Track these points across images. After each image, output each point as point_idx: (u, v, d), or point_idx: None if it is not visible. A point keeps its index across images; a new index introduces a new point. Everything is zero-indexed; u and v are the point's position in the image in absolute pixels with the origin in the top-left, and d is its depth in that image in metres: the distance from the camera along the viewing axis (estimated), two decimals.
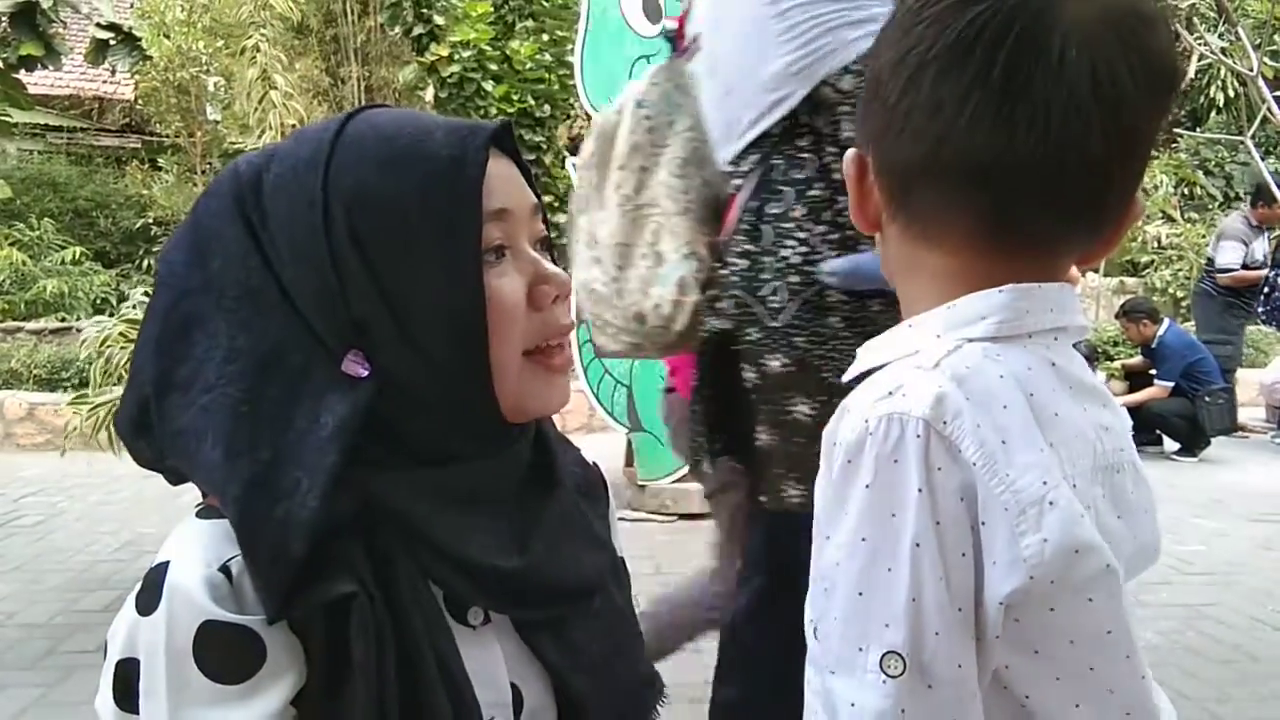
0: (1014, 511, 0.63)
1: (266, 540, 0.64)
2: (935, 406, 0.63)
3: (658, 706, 0.86)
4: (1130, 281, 11.16)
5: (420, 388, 0.73)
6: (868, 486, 0.63)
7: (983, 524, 0.63)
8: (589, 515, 0.85)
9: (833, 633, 0.65)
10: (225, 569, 0.66)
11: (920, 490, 0.62)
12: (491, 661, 0.76)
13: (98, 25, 7.24)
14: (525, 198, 0.78)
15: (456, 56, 9.09)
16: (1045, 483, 0.64)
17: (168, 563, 0.66)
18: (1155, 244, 11.13)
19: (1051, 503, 0.64)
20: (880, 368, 0.71)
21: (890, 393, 0.65)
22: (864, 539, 0.64)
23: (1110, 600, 0.66)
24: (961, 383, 0.65)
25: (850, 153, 0.75)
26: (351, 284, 0.70)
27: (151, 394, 0.71)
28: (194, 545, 0.67)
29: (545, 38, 9.41)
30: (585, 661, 0.80)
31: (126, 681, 0.65)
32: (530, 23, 9.61)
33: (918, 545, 0.62)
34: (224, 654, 0.64)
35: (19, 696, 3.01)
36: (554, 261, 0.80)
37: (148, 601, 0.65)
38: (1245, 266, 6.92)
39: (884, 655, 0.62)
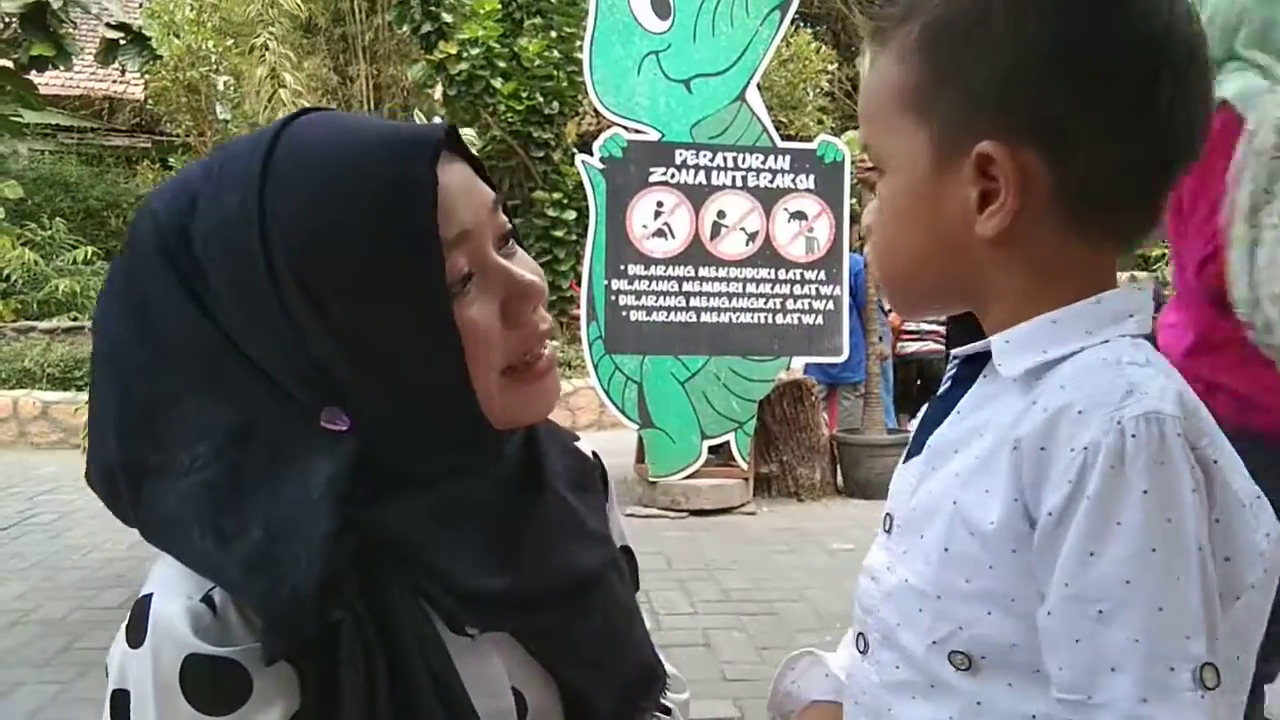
0: (1247, 506, 0.63)
1: (274, 619, 0.63)
2: (1179, 404, 0.62)
3: (660, 697, 0.85)
4: (1141, 275, 11.11)
5: (402, 427, 0.70)
6: (1145, 493, 0.59)
7: (1216, 521, 0.62)
8: (582, 510, 0.82)
9: (1130, 657, 0.59)
10: (208, 599, 0.65)
11: (1194, 490, 0.60)
12: (491, 670, 0.75)
13: (108, 25, 7.25)
14: (483, 202, 0.72)
15: (465, 54, 9.10)
16: (1248, 477, 0.64)
17: (151, 595, 0.65)
18: (1164, 239, 11.06)
19: (1259, 496, 0.64)
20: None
21: (1129, 392, 0.62)
22: (1154, 549, 0.59)
23: (1273, 589, 0.67)
24: (1173, 379, 0.64)
25: (995, 147, 0.67)
26: (313, 341, 0.66)
27: (123, 481, 0.68)
28: (177, 575, 0.66)
29: (553, 34, 9.41)
30: (585, 657, 0.79)
31: (121, 711, 0.65)
32: (538, 20, 9.61)
33: (1200, 548, 0.60)
34: (210, 687, 0.63)
35: (36, 692, 3.03)
36: (519, 243, 0.76)
37: (135, 634, 0.64)
38: None
39: (1200, 669, 0.59)
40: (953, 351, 0.80)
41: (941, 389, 0.81)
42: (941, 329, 6.77)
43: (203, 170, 0.70)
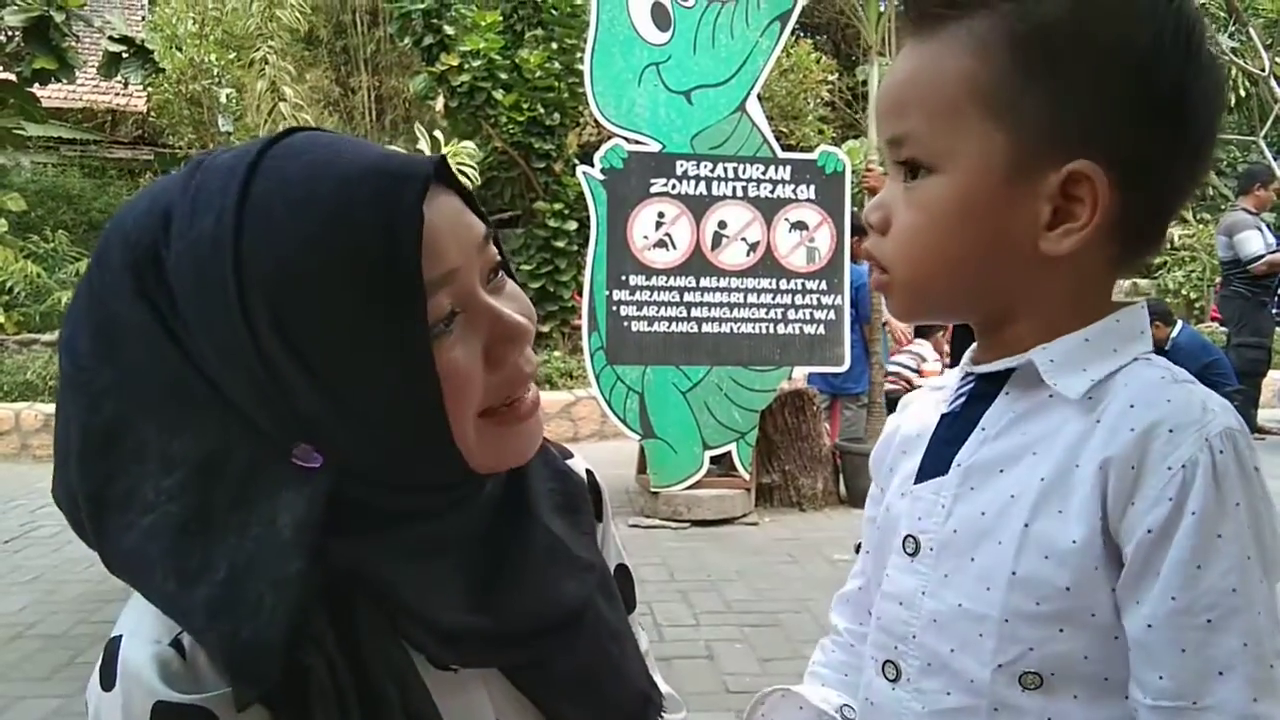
0: (1275, 506, 0.67)
1: (236, 665, 0.61)
2: (1239, 419, 0.66)
3: None
4: (1143, 283, 11.13)
5: (377, 467, 0.68)
6: (1238, 505, 0.63)
7: None
8: (568, 537, 0.80)
9: (1240, 660, 0.63)
10: (177, 643, 0.63)
11: (1262, 498, 0.65)
12: (476, 706, 0.73)
13: (110, 39, 7.29)
14: (472, 237, 0.69)
15: (466, 66, 9.13)
16: None
17: (121, 636, 0.64)
18: (1168, 245, 11.09)
19: None
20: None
21: (1205, 409, 0.65)
22: (1249, 557, 0.63)
23: None
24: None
25: (1093, 169, 0.67)
26: (288, 381, 0.64)
27: (86, 512, 0.66)
28: (146, 617, 0.64)
29: (554, 46, 9.43)
30: (573, 690, 0.77)
31: None
32: (539, 31, 9.64)
33: (1273, 551, 0.65)
34: None
35: (38, 707, 3.03)
36: (510, 276, 0.74)
37: (107, 677, 0.63)
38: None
39: None
40: (974, 369, 0.77)
41: (953, 405, 0.78)
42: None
43: (179, 186, 0.66)
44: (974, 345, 0.79)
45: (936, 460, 0.76)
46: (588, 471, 0.90)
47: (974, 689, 0.70)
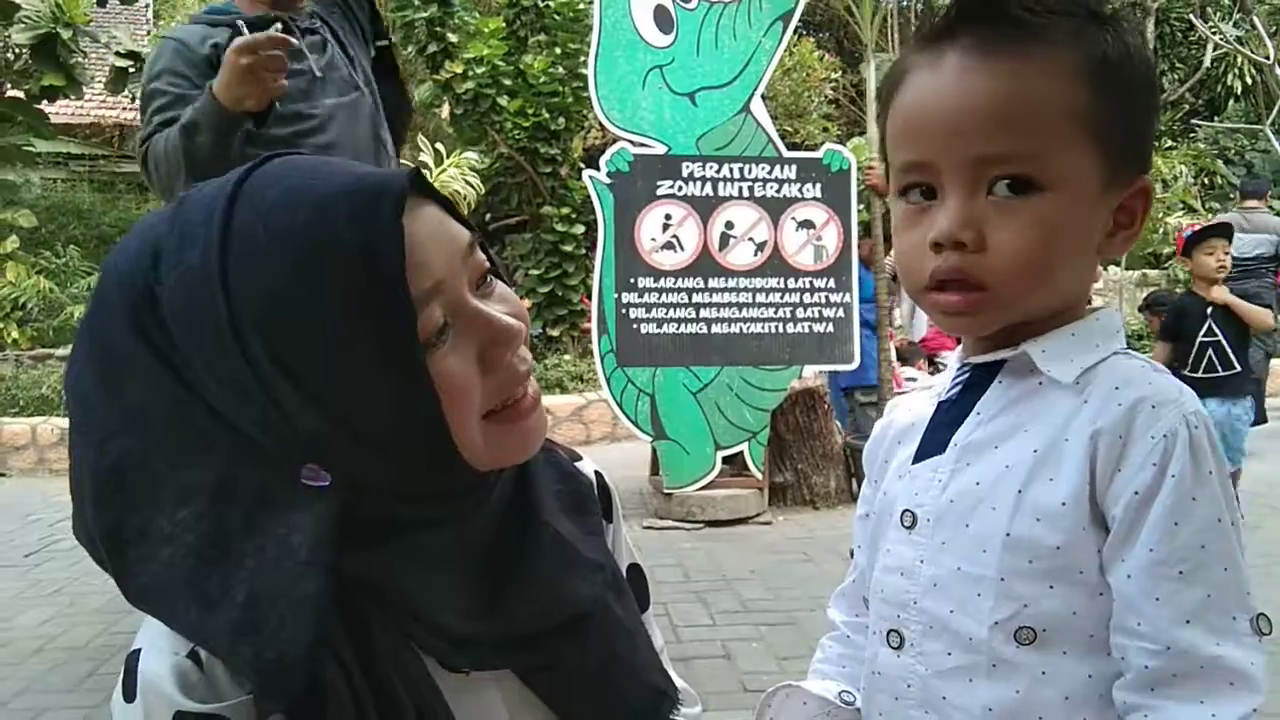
0: None
1: (263, 684, 0.63)
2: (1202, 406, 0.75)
3: (671, 715, 0.84)
4: (1153, 274, 11.09)
5: (383, 481, 0.70)
6: (1210, 473, 0.71)
7: None
8: (576, 537, 0.81)
9: (1206, 610, 0.70)
10: (194, 654, 0.65)
11: (1225, 469, 0.73)
12: (490, 707, 0.75)
13: (117, 54, 7.34)
14: (457, 246, 0.70)
15: (471, 73, 9.16)
16: None
17: (140, 650, 0.66)
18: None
19: None
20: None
21: (1180, 391, 0.74)
22: (1219, 520, 0.71)
23: None
24: None
25: (1148, 181, 0.80)
26: (288, 404, 0.65)
27: (105, 550, 0.68)
28: (164, 630, 0.66)
29: (558, 51, 9.46)
30: (585, 689, 0.78)
31: None
32: (543, 37, 9.66)
33: (1238, 516, 0.72)
34: None
35: (65, 718, 3.05)
36: (501, 278, 0.75)
37: (128, 690, 0.65)
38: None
39: (1255, 618, 0.71)
40: (971, 361, 0.83)
41: (949, 393, 0.84)
42: None
43: (165, 222, 0.68)
44: (962, 343, 0.86)
45: (933, 442, 0.82)
46: (596, 473, 0.91)
47: (973, 646, 0.75)
